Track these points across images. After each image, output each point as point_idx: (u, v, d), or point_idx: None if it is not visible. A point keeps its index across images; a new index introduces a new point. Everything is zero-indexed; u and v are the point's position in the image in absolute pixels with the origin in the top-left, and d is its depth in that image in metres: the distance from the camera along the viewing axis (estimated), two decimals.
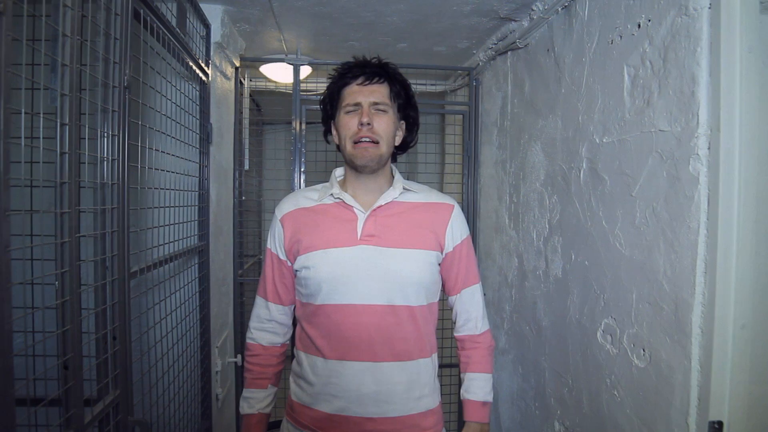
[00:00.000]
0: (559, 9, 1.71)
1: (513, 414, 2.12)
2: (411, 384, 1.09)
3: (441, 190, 2.96)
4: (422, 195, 1.18)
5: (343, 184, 1.19)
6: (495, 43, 2.27)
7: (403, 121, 1.19)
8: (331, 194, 1.14)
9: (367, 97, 1.10)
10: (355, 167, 1.12)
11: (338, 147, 1.18)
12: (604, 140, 1.44)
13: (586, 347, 1.53)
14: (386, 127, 1.11)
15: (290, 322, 1.23)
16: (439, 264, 1.16)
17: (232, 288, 2.40)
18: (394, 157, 1.22)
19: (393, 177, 1.19)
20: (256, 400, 1.18)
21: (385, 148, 1.11)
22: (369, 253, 1.07)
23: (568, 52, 1.66)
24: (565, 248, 1.68)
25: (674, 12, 1.16)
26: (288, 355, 1.26)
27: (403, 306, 1.08)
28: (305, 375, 1.12)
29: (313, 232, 1.11)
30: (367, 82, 1.11)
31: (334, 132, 1.18)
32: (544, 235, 1.84)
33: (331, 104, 1.16)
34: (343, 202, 1.13)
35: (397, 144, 1.17)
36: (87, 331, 1.00)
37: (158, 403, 1.34)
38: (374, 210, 1.11)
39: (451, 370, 2.73)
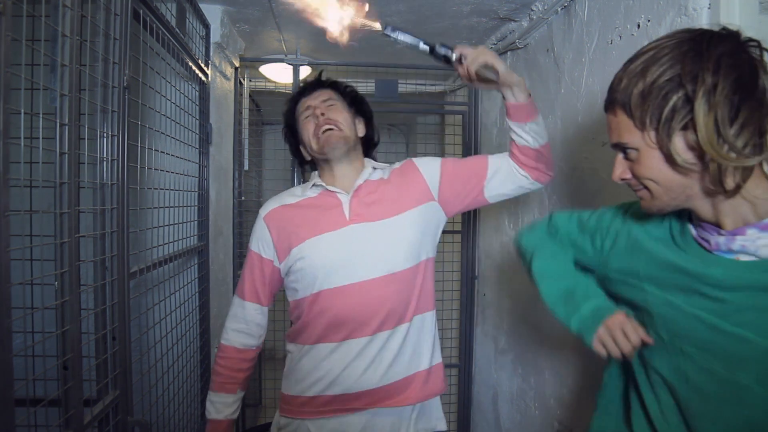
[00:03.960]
0: (559, 9, 1.71)
1: (513, 414, 2.12)
2: (413, 344, 1.13)
3: None
4: (388, 170, 1.26)
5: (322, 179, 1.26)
6: (494, 44, 2.27)
7: (360, 117, 1.27)
8: (314, 184, 1.20)
9: (316, 99, 1.22)
10: (327, 157, 1.18)
11: (310, 163, 1.29)
12: (604, 140, 1.43)
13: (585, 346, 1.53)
14: (340, 113, 1.20)
15: (265, 324, 1.23)
16: (440, 208, 1.20)
17: (231, 288, 2.39)
18: (367, 153, 1.30)
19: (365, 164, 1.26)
20: (224, 405, 1.18)
21: (347, 131, 1.19)
22: (360, 230, 1.12)
23: (568, 52, 1.66)
24: None
25: (674, 12, 1.16)
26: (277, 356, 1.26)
27: (404, 270, 1.12)
28: (303, 368, 1.14)
29: (302, 224, 1.15)
30: (313, 91, 1.24)
31: (303, 151, 1.26)
32: None
33: (292, 131, 1.28)
34: (325, 189, 1.18)
35: (360, 135, 1.26)
36: (86, 331, 1.01)
37: (158, 404, 1.34)
38: (355, 191, 1.17)
39: (450, 370, 2.73)
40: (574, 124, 1.61)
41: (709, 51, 0.66)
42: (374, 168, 1.23)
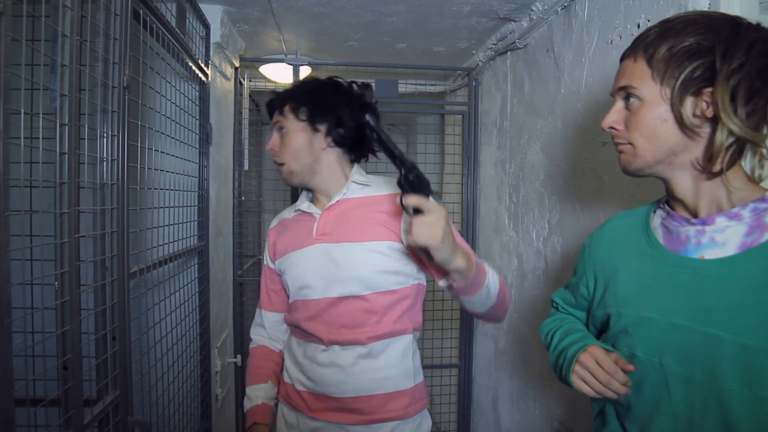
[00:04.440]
0: (559, 9, 1.71)
1: (513, 414, 2.12)
2: (371, 367, 1.11)
3: (440, 190, 2.97)
4: (376, 188, 1.19)
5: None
6: (494, 44, 2.27)
7: (322, 124, 1.15)
8: (297, 207, 1.25)
9: (273, 127, 1.21)
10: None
11: None
12: (604, 140, 1.44)
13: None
14: (289, 142, 1.16)
15: (284, 329, 1.28)
16: (402, 251, 1.13)
17: (231, 288, 2.40)
18: (357, 159, 1.25)
19: (348, 178, 1.20)
20: (256, 392, 1.21)
21: (293, 166, 1.17)
22: (322, 250, 1.15)
23: (568, 52, 1.66)
24: (565, 249, 1.68)
25: (673, 12, 1.15)
26: None
27: (358, 296, 1.12)
28: (287, 356, 1.24)
29: (285, 239, 1.23)
30: (272, 120, 1.21)
31: None
32: (543, 235, 1.84)
33: None
34: (302, 211, 1.23)
35: (323, 147, 1.17)
36: (86, 331, 1.00)
37: (158, 404, 1.34)
38: (326, 210, 1.19)
39: (450, 370, 2.73)
40: (574, 124, 1.61)
41: (747, 33, 0.69)
42: (360, 184, 1.19)
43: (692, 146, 0.73)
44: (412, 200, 0.83)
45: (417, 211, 0.84)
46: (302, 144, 1.16)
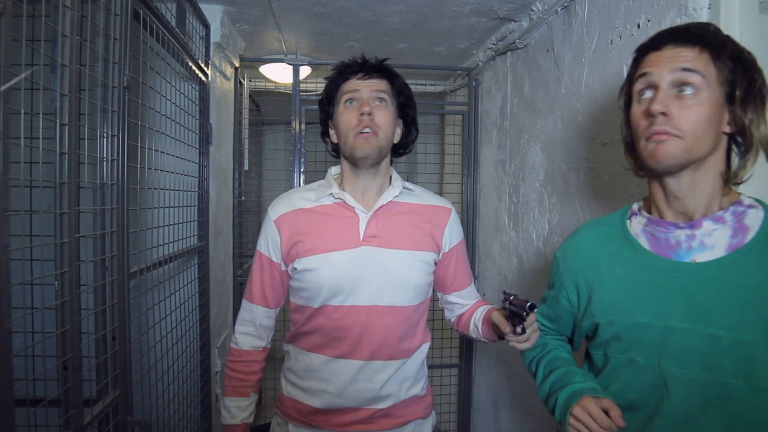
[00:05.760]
0: (559, 9, 1.71)
1: (512, 414, 2.12)
2: (402, 377, 1.13)
3: (440, 190, 2.97)
4: (420, 197, 1.19)
5: (340, 182, 1.15)
6: (494, 44, 2.27)
7: (401, 120, 1.17)
8: (331, 194, 1.11)
9: (368, 87, 1.09)
10: (355, 161, 1.09)
11: (335, 148, 1.17)
12: (604, 140, 1.44)
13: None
14: (386, 119, 1.09)
15: (273, 324, 1.21)
16: (435, 263, 1.17)
17: (231, 288, 2.40)
18: (391, 158, 1.21)
19: (391, 176, 1.18)
20: (240, 409, 1.15)
21: (384, 141, 1.08)
22: (371, 254, 1.07)
23: (568, 52, 1.66)
24: None
25: (674, 12, 1.16)
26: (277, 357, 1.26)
27: (403, 306, 1.09)
28: (297, 371, 1.13)
29: (313, 234, 1.08)
30: (367, 77, 1.10)
31: (332, 131, 1.16)
32: (543, 235, 1.84)
33: (329, 102, 1.15)
34: (344, 202, 1.10)
35: (395, 141, 1.16)
36: (86, 331, 1.01)
37: (158, 404, 1.34)
38: (376, 211, 1.10)
39: (450, 370, 2.73)
40: (574, 124, 1.61)
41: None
42: (404, 188, 1.15)
43: (718, 153, 0.76)
44: (532, 319, 0.93)
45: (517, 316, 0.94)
46: (393, 124, 1.12)
